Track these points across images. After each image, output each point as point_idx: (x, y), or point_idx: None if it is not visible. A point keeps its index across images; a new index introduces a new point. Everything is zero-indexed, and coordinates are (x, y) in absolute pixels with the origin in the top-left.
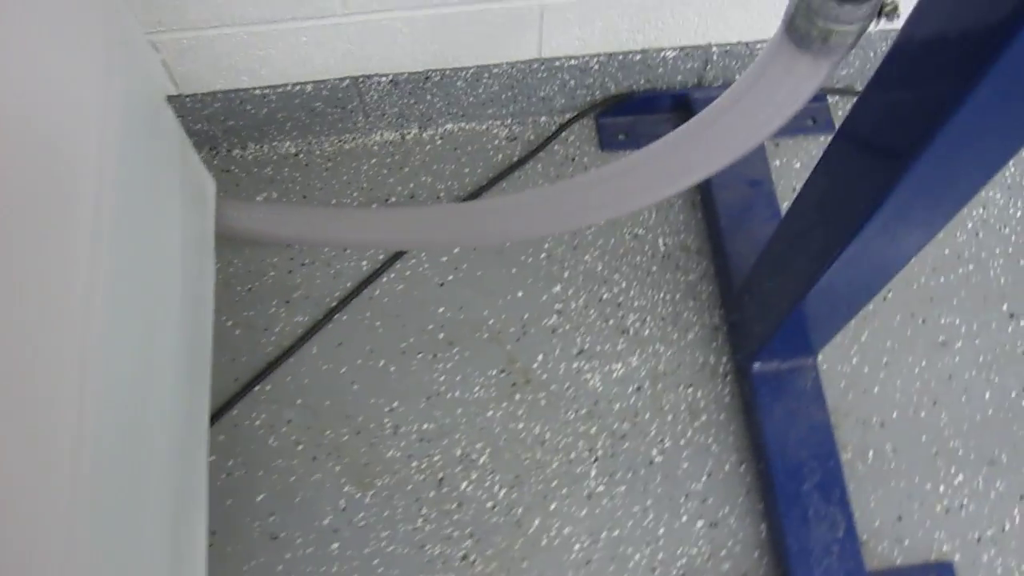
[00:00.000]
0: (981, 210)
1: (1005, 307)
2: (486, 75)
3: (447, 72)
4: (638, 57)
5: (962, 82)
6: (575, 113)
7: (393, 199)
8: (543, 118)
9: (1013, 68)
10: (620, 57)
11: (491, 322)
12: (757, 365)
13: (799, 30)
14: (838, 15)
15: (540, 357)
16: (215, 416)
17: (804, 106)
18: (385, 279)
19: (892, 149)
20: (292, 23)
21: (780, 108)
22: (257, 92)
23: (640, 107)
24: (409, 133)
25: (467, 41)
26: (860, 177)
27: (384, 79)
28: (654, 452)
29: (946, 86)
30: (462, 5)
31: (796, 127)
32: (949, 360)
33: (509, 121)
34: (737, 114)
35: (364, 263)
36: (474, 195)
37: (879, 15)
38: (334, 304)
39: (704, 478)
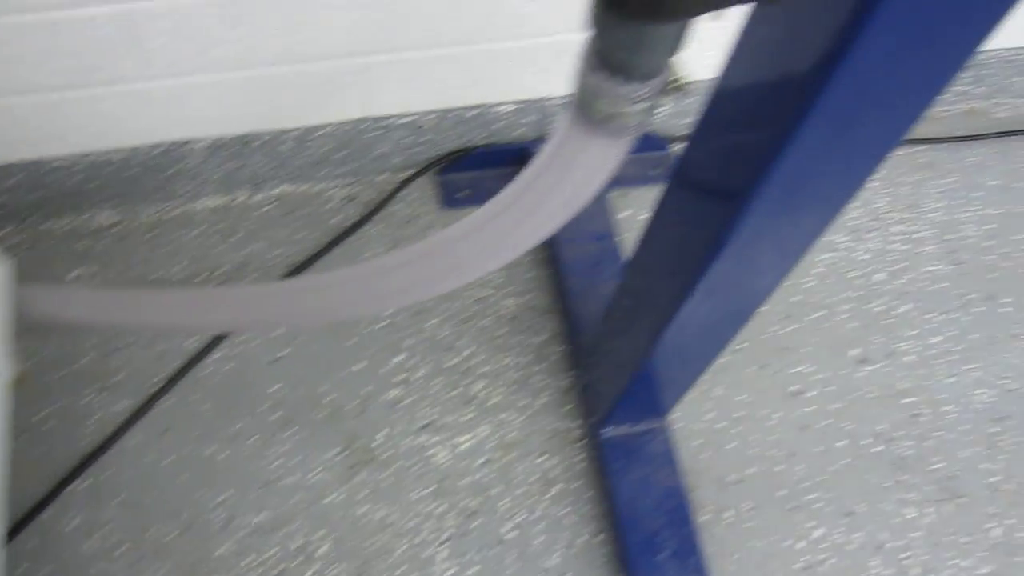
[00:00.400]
0: (828, 255)
1: (855, 352)
2: (314, 136)
3: (270, 134)
4: (474, 113)
5: (780, 129)
6: (414, 171)
7: (222, 269)
8: (381, 177)
9: (829, 114)
10: (454, 113)
11: (329, 398)
12: (607, 430)
13: (585, 111)
14: (620, 95)
15: (383, 433)
16: (25, 520)
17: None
18: (213, 358)
19: (722, 196)
20: (92, 89)
21: (574, 195)
22: (64, 162)
23: (481, 162)
24: (238, 197)
25: (289, 102)
26: (695, 225)
27: (202, 144)
28: (506, 528)
29: (766, 134)
30: (279, 66)
31: (641, 177)
32: (803, 410)
33: (345, 181)
34: (526, 206)
35: (189, 341)
36: (310, 261)
37: (668, 91)
38: (157, 388)
39: (560, 552)
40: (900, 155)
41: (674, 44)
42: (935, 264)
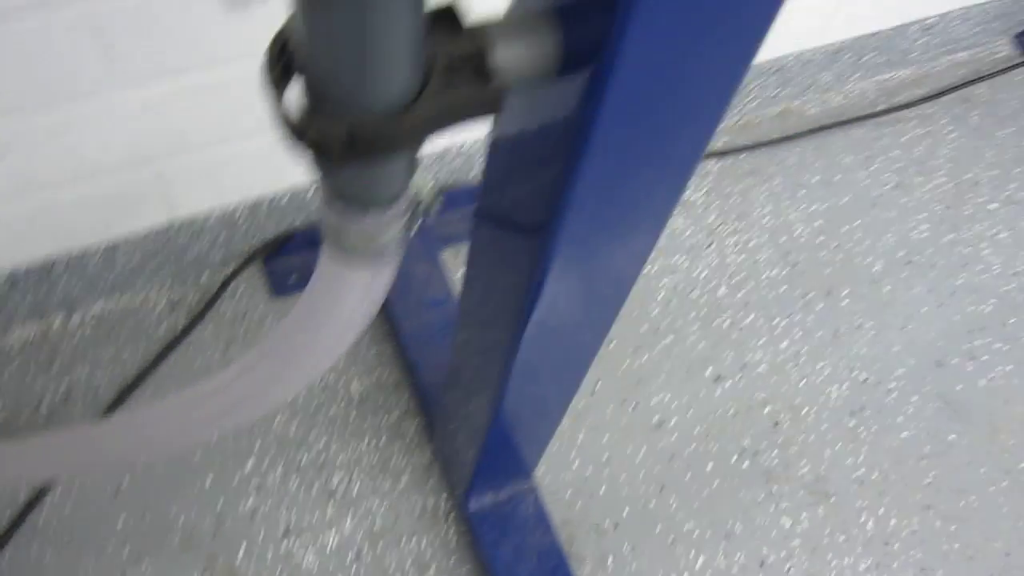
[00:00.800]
0: (668, 278)
1: (709, 372)
2: (121, 249)
3: (73, 255)
4: (287, 198)
5: (561, 168)
6: (238, 264)
7: (45, 404)
8: (204, 276)
9: (605, 146)
10: (267, 202)
11: (182, 521)
12: (474, 500)
13: (337, 243)
14: (365, 226)
15: (243, 547)
16: None
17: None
18: (48, 502)
19: (526, 235)
20: None
21: (347, 328)
22: None
23: (306, 244)
24: (53, 323)
25: (85, 220)
26: (509, 268)
27: None
28: None
29: (549, 174)
30: (62, 189)
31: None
32: (667, 440)
33: (167, 287)
34: (297, 346)
35: (18, 489)
36: (141, 378)
37: (417, 207)
38: None
39: None
40: (723, 166)
41: (406, 169)
42: (772, 269)
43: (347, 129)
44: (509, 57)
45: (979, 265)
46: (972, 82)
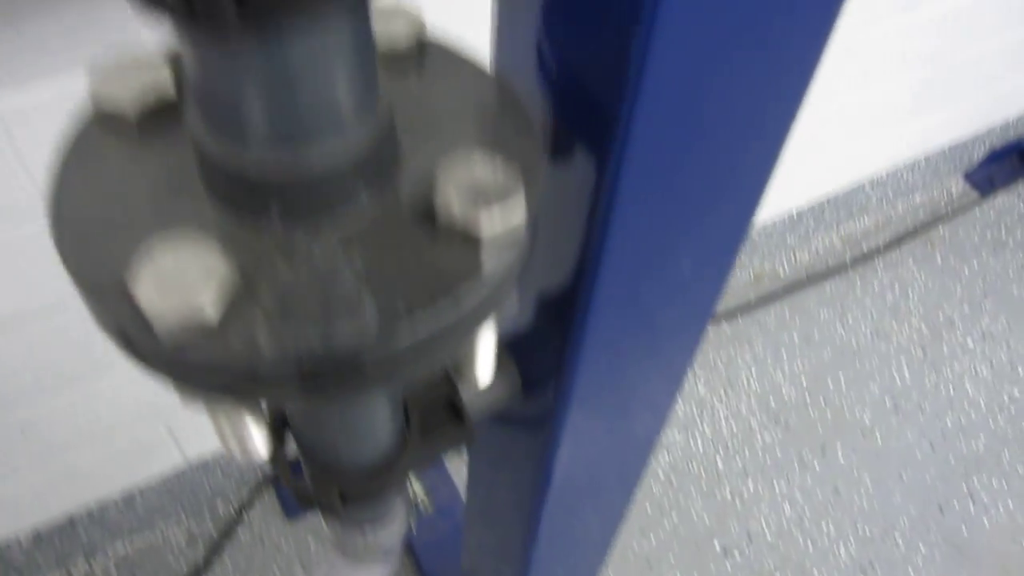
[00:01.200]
0: (665, 456)
1: (717, 545)
2: (139, 494)
3: (93, 507)
4: None
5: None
6: (251, 492)
7: None
8: (219, 507)
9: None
10: None
11: None
12: None
13: (345, 547)
14: (365, 537)
15: None
16: None
17: None
18: None
19: (528, 428)
20: None
21: None
22: None
23: None
24: (76, 570)
25: (103, 473)
26: (513, 465)
27: (22, 539)
28: None
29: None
30: (83, 449)
31: None
32: None
33: (184, 524)
34: None
35: None
36: None
37: (413, 510)
38: None
39: None
40: (704, 337)
41: (399, 490)
42: (766, 433)
43: (339, 491)
44: (478, 397)
45: (965, 403)
46: (931, 223)
